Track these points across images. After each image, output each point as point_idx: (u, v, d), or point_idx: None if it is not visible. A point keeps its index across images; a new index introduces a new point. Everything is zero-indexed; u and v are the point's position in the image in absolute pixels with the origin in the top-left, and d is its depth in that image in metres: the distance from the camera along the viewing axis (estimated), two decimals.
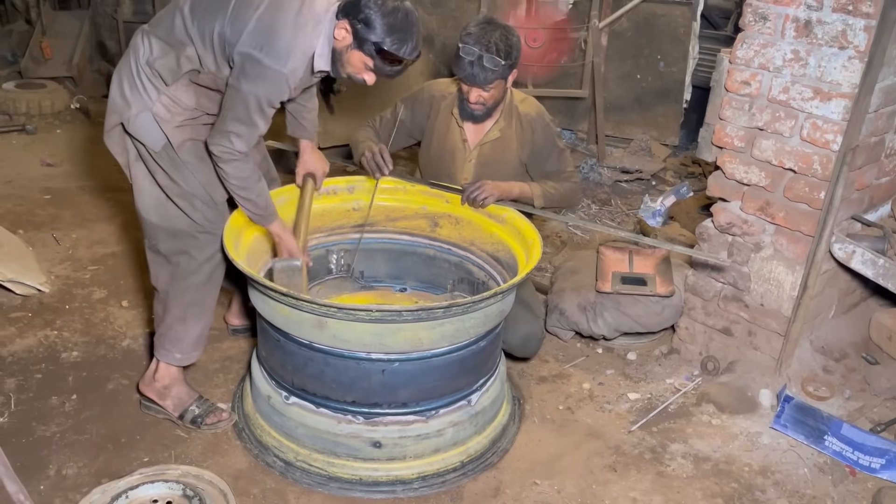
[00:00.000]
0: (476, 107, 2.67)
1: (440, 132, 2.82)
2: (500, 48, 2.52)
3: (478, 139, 2.79)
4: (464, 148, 2.80)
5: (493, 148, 2.79)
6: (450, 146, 2.82)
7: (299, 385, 2.34)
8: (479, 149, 2.79)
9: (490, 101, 2.66)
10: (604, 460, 2.50)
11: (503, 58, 2.53)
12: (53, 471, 2.31)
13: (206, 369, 2.85)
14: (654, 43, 5.23)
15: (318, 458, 2.35)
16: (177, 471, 2.13)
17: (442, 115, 2.81)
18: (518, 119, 2.78)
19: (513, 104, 2.78)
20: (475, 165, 2.81)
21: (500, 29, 2.56)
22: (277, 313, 2.26)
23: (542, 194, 2.76)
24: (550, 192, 2.78)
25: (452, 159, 2.82)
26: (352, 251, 2.92)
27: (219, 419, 2.54)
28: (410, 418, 2.32)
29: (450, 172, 2.83)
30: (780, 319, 2.75)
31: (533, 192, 2.74)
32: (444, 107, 2.80)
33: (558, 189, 2.80)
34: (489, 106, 2.68)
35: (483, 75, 2.54)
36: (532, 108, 2.80)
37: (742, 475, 2.45)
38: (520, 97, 2.83)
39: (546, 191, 2.77)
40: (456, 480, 2.38)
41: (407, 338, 2.18)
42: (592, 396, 2.84)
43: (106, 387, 2.71)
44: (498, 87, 2.63)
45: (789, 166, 2.58)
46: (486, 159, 2.80)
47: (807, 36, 2.44)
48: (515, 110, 2.78)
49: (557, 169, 2.84)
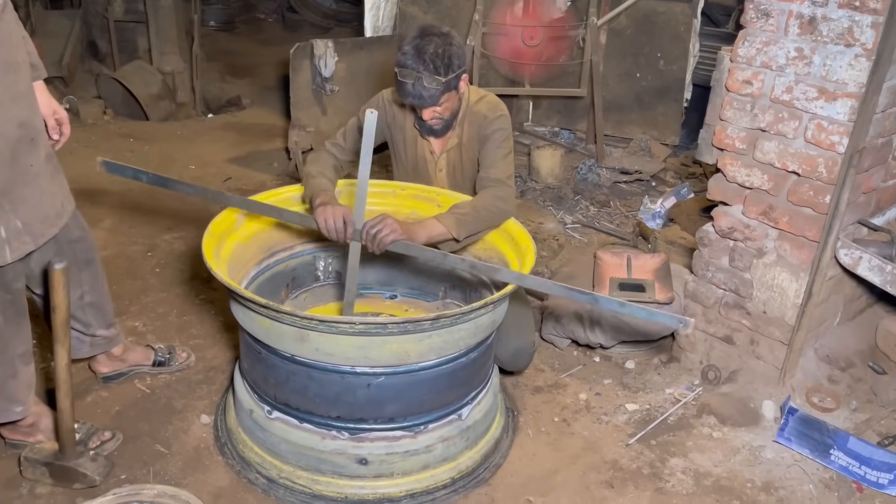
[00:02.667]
0: (434, 122, 2.53)
1: (409, 144, 2.72)
2: (438, 64, 2.35)
3: (442, 148, 2.69)
4: (433, 158, 2.71)
5: (457, 153, 2.69)
6: (420, 158, 2.73)
7: (282, 399, 2.24)
8: (445, 156, 2.70)
9: (447, 114, 2.53)
10: (600, 475, 2.41)
11: (443, 73, 2.37)
12: (26, 490, 2.22)
13: (189, 380, 2.75)
14: (653, 41, 5.13)
15: (302, 476, 2.25)
16: (152, 490, 2.03)
17: (407, 127, 2.69)
18: (470, 118, 2.62)
19: (469, 106, 2.63)
20: (446, 174, 2.73)
21: (434, 39, 2.37)
22: (258, 325, 2.16)
23: (457, 223, 2.33)
24: (466, 217, 2.36)
25: (425, 170, 2.74)
26: (339, 256, 2.82)
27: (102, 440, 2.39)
28: (398, 434, 2.23)
29: (426, 182, 2.76)
30: (783, 327, 2.65)
31: (446, 226, 2.32)
32: (406, 117, 2.67)
33: (476, 208, 2.40)
34: (447, 118, 2.55)
35: (428, 95, 2.39)
36: (485, 105, 2.61)
37: (744, 492, 2.35)
38: (477, 96, 2.65)
39: (460, 218, 2.35)
40: (446, 498, 2.28)
41: (393, 351, 2.08)
42: (589, 407, 2.74)
43: (85, 399, 2.62)
44: (450, 99, 2.48)
45: (793, 169, 2.48)
46: (454, 166, 2.71)
47: (811, 33, 2.34)
48: (470, 110, 2.63)
49: (486, 165, 2.56)
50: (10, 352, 2.19)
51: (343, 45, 4.70)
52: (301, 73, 4.62)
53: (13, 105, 2.02)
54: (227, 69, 7.35)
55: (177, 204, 4.17)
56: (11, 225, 2.05)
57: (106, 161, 2.36)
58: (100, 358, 2.66)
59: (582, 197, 4.68)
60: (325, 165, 2.60)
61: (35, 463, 2.22)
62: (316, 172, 2.54)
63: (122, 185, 4.44)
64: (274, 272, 2.67)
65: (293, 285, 2.78)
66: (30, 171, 2.09)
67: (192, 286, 3.40)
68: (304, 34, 8.20)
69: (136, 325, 3.09)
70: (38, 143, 2.13)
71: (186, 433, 2.50)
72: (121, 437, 2.43)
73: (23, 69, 2.08)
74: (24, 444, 2.31)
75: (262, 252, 2.62)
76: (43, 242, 2.16)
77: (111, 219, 4.01)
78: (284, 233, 2.70)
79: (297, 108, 4.65)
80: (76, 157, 4.74)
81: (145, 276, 3.48)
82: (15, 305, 2.19)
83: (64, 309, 2.02)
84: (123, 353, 2.69)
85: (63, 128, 2.30)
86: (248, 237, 2.54)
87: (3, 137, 1.99)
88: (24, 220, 2.08)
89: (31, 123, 2.10)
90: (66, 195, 2.28)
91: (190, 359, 2.84)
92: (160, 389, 2.70)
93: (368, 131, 2.09)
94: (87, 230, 2.43)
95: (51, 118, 2.24)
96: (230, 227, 2.47)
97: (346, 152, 2.70)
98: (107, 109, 5.85)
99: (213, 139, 5.56)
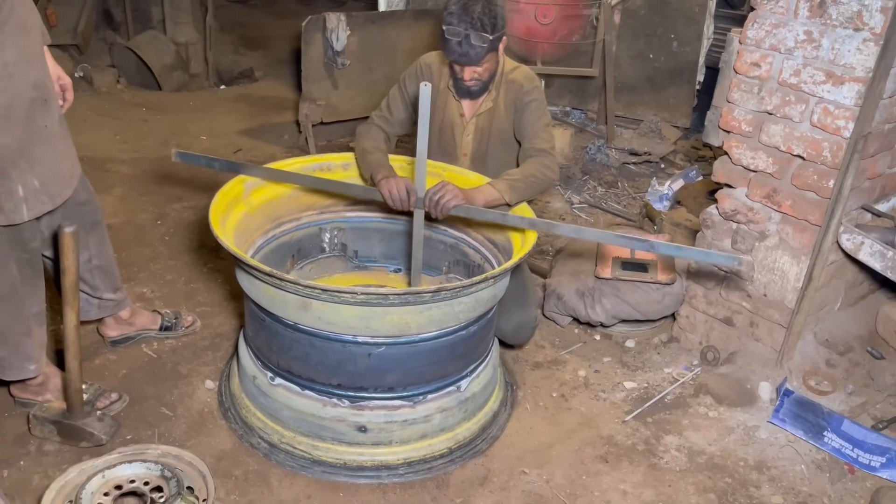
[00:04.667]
0: (472, 83, 2.59)
1: (439, 107, 2.76)
2: (486, 22, 2.43)
3: (473, 111, 2.73)
4: (461, 122, 2.75)
5: (487, 118, 2.72)
6: (448, 121, 2.76)
7: (284, 366, 2.29)
8: (475, 121, 2.73)
9: (486, 76, 2.59)
10: (596, 450, 2.45)
11: (490, 31, 2.44)
12: (34, 447, 2.28)
13: (195, 346, 2.81)
14: (667, 22, 5.09)
15: (303, 441, 2.30)
16: (156, 451, 2.08)
17: (440, 90, 2.73)
18: (507, 85, 2.68)
19: (503, 73, 2.69)
20: (473, 139, 2.76)
21: (481, 1, 2.45)
22: (262, 293, 2.20)
23: (510, 188, 2.45)
24: (517, 183, 2.48)
25: (452, 134, 2.78)
26: (345, 230, 2.86)
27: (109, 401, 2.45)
28: (397, 403, 2.27)
29: (450, 147, 2.79)
30: (783, 310, 2.66)
31: (499, 191, 2.44)
32: (441, 78, 2.73)
33: (525, 175, 2.51)
34: (485, 80, 2.61)
35: (474, 53, 2.46)
36: (520, 74, 2.69)
37: (737, 470, 2.39)
38: (511, 65, 2.73)
39: (512, 184, 2.47)
40: (443, 467, 2.33)
41: (394, 322, 2.12)
42: (588, 384, 2.77)
43: (93, 361, 2.68)
44: (491, 59, 2.55)
45: (798, 153, 2.48)
46: (483, 131, 2.74)
47: (821, 16, 2.33)
48: (505, 78, 2.69)
49: (529, 135, 2.64)
50: (26, 310, 2.25)
51: (355, 19, 4.69)
52: (313, 47, 4.62)
53: (27, 66, 2.06)
54: (241, 41, 7.35)
55: (187, 174, 4.21)
56: (29, 184, 2.09)
57: (180, 152, 2.52)
58: (108, 321, 2.71)
59: (590, 177, 4.69)
60: (378, 140, 2.71)
61: (43, 421, 2.28)
62: (371, 148, 2.64)
63: (133, 153, 4.49)
64: (280, 242, 2.71)
65: (299, 256, 2.81)
66: (45, 132, 2.13)
67: (201, 255, 3.44)
68: (319, 7, 8.18)
69: (145, 292, 3.14)
70: (51, 104, 2.17)
71: (191, 397, 2.55)
72: (127, 398, 2.48)
73: (34, 32, 2.11)
74: (34, 402, 2.37)
75: (269, 222, 2.65)
76: (60, 203, 2.21)
77: (122, 187, 4.05)
78: (292, 204, 2.73)
79: (308, 81, 4.66)
80: (89, 125, 4.79)
81: (154, 243, 3.53)
82: (31, 265, 2.24)
83: (73, 271, 2.06)
84: (131, 316, 2.75)
85: (67, 94, 2.34)
86: (256, 207, 2.57)
87: (19, 98, 2.03)
88: (41, 179, 2.12)
89: (44, 85, 2.14)
90: (74, 158, 2.32)
91: (196, 324, 2.89)
92: (167, 354, 2.75)
93: (424, 103, 2.16)
94: (93, 193, 2.47)
95: (55, 84, 2.27)
96: (238, 196, 2.51)
97: (393, 124, 2.77)
98: (120, 78, 5.88)
99: (225, 111, 5.58)
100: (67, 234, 2.00)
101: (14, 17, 2.00)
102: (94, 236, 2.48)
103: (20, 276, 2.20)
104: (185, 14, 5.99)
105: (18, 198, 2.08)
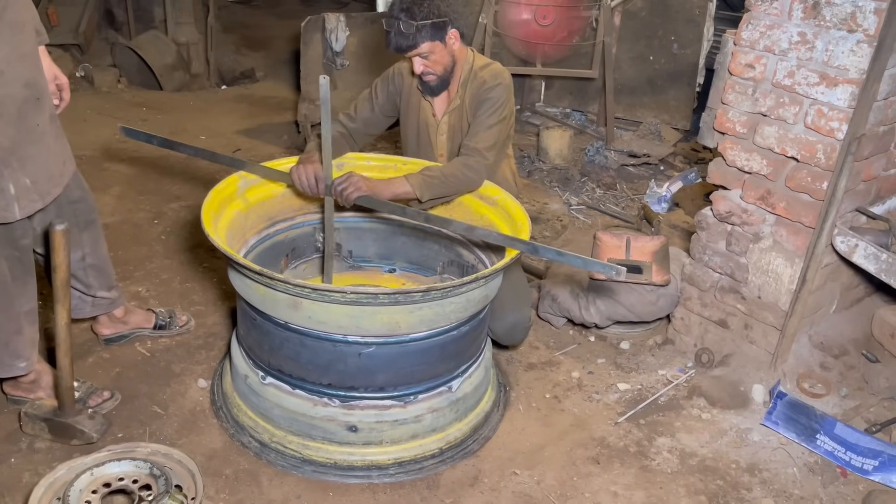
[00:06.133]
0: (427, 77, 2.59)
1: (413, 109, 2.77)
2: (414, 10, 2.43)
3: (444, 110, 2.73)
4: (434, 122, 2.75)
5: (457, 115, 2.72)
6: (423, 122, 2.77)
7: (276, 365, 2.29)
8: (447, 119, 2.73)
9: (438, 69, 2.57)
10: (587, 452, 2.44)
11: (416, 18, 2.43)
12: (25, 444, 2.28)
13: (189, 345, 2.81)
14: (668, 24, 5.09)
15: (294, 441, 2.30)
16: (146, 449, 2.08)
17: (413, 93, 2.74)
18: (473, 82, 2.65)
19: (473, 70, 2.66)
20: (447, 138, 2.76)
21: None
22: (254, 292, 2.20)
23: (423, 184, 2.44)
24: (433, 180, 2.46)
25: (427, 135, 2.78)
26: (339, 230, 2.85)
27: (101, 399, 2.45)
28: (388, 403, 2.27)
29: (427, 148, 2.80)
30: (777, 313, 2.65)
31: (412, 185, 2.43)
32: (412, 84, 2.73)
33: (445, 173, 2.49)
34: (440, 74, 2.59)
35: (403, 40, 2.46)
36: (488, 72, 2.64)
37: (728, 472, 2.38)
38: (483, 62, 2.68)
39: (427, 180, 2.45)
40: (433, 467, 2.33)
41: (384, 321, 2.12)
42: (581, 386, 2.77)
43: (86, 360, 2.68)
44: (435, 50, 2.52)
45: (792, 154, 2.47)
46: (454, 129, 2.74)
47: (815, 17, 2.32)
48: (474, 74, 2.65)
49: (471, 132, 2.60)
50: (17, 308, 2.25)
51: (354, 19, 4.70)
52: (312, 47, 4.63)
53: (19, 65, 2.06)
54: (243, 41, 7.37)
55: (185, 173, 4.22)
56: (20, 182, 2.10)
57: (125, 128, 2.57)
58: (102, 320, 2.71)
59: (589, 179, 4.68)
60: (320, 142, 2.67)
61: (35, 419, 2.29)
62: (314, 138, 2.63)
63: (132, 152, 4.50)
64: (274, 241, 2.71)
65: (293, 255, 2.82)
66: (36, 130, 2.13)
67: (196, 254, 3.45)
68: (322, 8, 8.18)
69: (140, 291, 3.14)
70: (43, 102, 2.17)
71: (184, 396, 2.55)
72: (119, 397, 2.49)
73: (28, 30, 2.12)
74: (25, 400, 2.38)
75: (263, 222, 2.66)
76: (50, 201, 2.21)
77: (120, 186, 4.06)
78: (286, 203, 2.73)
79: (307, 81, 4.67)
80: (89, 125, 4.81)
81: (151, 242, 3.53)
82: (22, 262, 2.25)
83: (64, 269, 2.07)
84: (125, 315, 2.75)
85: (63, 93, 2.34)
86: (249, 206, 2.58)
87: (10, 96, 2.04)
88: (32, 178, 2.13)
89: (37, 83, 2.14)
90: (67, 155, 2.32)
91: (190, 323, 2.89)
92: (160, 353, 2.76)
93: (324, 95, 2.24)
94: (88, 191, 2.47)
95: (51, 83, 2.27)
96: (231, 195, 2.51)
97: (355, 121, 2.78)
98: (121, 78, 5.90)
99: (226, 110, 5.60)
100: (58, 231, 2.01)
101: (7, 15, 2.01)
102: (88, 234, 2.48)
103: (10, 274, 2.20)
104: (186, 14, 6.00)
105: (10, 196, 2.08)
